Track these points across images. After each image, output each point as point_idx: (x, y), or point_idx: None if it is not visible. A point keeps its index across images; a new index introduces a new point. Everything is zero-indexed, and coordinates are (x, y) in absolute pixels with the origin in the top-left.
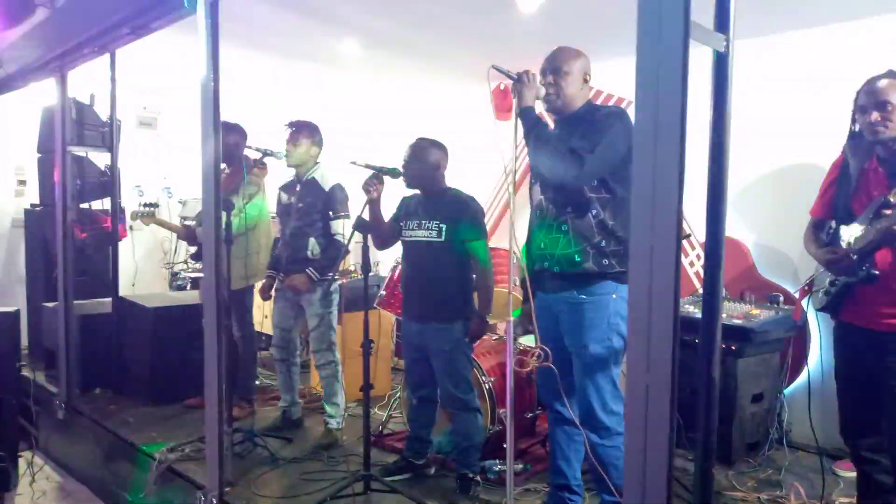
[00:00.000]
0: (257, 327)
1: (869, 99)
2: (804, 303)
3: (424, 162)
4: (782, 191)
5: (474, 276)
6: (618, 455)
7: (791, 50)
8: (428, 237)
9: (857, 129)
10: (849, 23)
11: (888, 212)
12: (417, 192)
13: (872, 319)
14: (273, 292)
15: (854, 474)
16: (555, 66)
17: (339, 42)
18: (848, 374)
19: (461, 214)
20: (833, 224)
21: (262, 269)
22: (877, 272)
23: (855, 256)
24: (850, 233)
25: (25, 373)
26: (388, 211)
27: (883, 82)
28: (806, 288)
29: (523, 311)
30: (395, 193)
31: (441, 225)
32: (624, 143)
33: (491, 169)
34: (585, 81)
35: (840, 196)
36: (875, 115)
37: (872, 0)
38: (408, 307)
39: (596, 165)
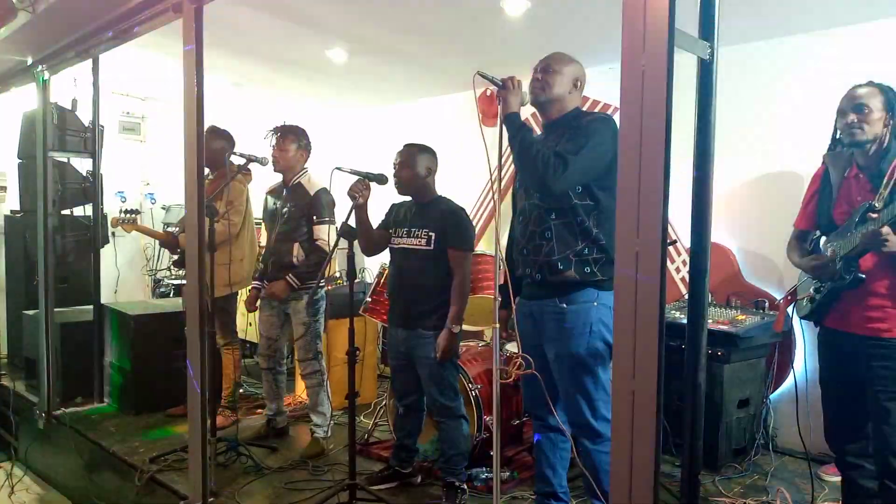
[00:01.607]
0: (241, 335)
1: (848, 103)
2: (789, 310)
3: (415, 167)
4: (767, 197)
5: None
6: (609, 461)
7: (776, 57)
8: (417, 245)
9: (838, 136)
10: (833, 30)
11: (874, 215)
12: (408, 198)
13: (858, 324)
14: (258, 301)
15: (839, 479)
16: (546, 63)
17: (325, 48)
18: (833, 379)
19: (451, 224)
20: (817, 234)
21: (246, 276)
22: (863, 276)
23: (840, 262)
24: (834, 241)
25: (5, 382)
26: (376, 217)
27: (863, 90)
28: (789, 297)
29: (502, 315)
30: (385, 200)
31: (430, 233)
32: (609, 148)
33: (477, 175)
34: (576, 87)
35: (822, 206)
36: (852, 117)
37: (857, 8)
38: (394, 314)
39: (580, 169)
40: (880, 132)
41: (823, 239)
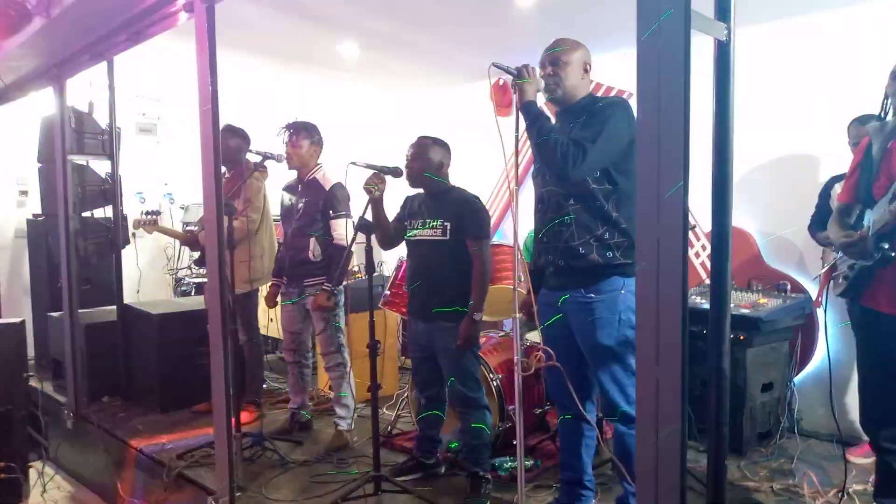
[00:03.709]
0: (263, 331)
1: None
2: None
3: (427, 160)
4: (786, 179)
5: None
6: None
7: (794, 37)
8: (433, 236)
9: (889, 102)
10: (851, 8)
11: None
12: (421, 191)
13: (892, 304)
14: (279, 297)
15: (867, 461)
16: (554, 56)
17: (337, 44)
18: (869, 361)
19: (465, 213)
20: (860, 208)
21: (266, 272)
22: (893, 254)
23: (872, 239)
24: (870, 216)
25: (33, 383)
26: (391, 210)
27: None
28: (828, 272)
29: (524, 303)
30: (399, 192)
31: (446, 223)
32: (626, 132)
33: (493, 166)
34: (586, 72)
35: (863, 179)
36: None
37: None
38: (413, 306)
39: (598, 155)
40: None
41: (868, 213)
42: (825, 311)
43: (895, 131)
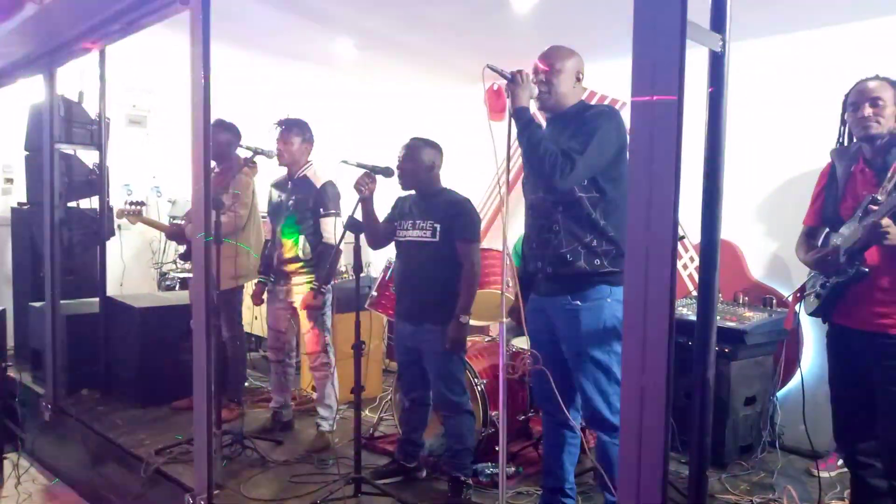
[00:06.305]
0: (247, 328)
1: (861, 96)
2: (797, 307)
3: (419, 161)
4: (775, 193)
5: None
6: None
7: (786, 52)
8: (422, 237)
9: (845, 130)
10: (843, 25)
11: (875, 208)
12: (412, 192)
13: (866, 321)
14: (265, 294)
15: (835, 473)
16: (547, 63)
17: (332, 42)
18: (842, 377)
19: (456, 215)
20: (826, 230)
21: (252, 269)
22: (867, 269)
23: (844, 256)
24: (839, 235)
25: (11, 373)
26: (381, 211)
27: (874, 83)
28: (798, 294)
29: (513, 308)
30: (390, 193)
31: (435, 225)
32: (614, 142)
33: (485, 169)
34: (578, 80)
35: (829, 202)
36: (867, 110)
37: (871, 2)
38: (401, 308)
39: (587, 166)
40: (893, 126)
41: (833, 235)
42: (799, 328)
43: (857, 155)
